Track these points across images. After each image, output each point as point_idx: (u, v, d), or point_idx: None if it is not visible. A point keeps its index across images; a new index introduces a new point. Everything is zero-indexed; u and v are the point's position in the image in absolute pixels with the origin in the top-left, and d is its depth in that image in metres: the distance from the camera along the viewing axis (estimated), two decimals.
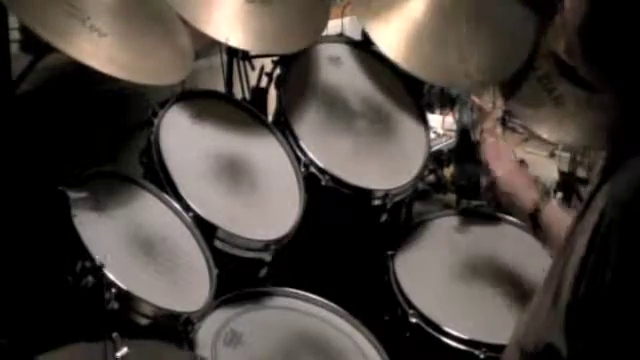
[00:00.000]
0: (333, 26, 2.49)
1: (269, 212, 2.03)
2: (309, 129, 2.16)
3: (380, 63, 2.35)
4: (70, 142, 2.20)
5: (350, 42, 2.40)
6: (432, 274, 2.14)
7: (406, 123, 2.30)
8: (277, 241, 1.96)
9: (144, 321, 1.68)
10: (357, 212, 2.14)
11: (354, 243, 2.17)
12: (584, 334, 0.95)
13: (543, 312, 1.02)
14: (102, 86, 2.12)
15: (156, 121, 1.96)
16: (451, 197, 2.69)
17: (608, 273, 0.92)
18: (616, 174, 0.97)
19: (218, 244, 1.90)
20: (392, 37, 2.23)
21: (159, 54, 1.92)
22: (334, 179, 2.08)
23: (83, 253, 1.64)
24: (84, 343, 1.56)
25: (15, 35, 2.22)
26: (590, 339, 0.94)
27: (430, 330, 1.97)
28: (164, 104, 2.01)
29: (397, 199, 2.15)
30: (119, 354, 1.44)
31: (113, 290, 1.62)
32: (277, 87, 2.21)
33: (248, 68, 2.37)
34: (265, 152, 2.12)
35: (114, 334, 1.52)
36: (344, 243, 2.16)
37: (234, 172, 2.04)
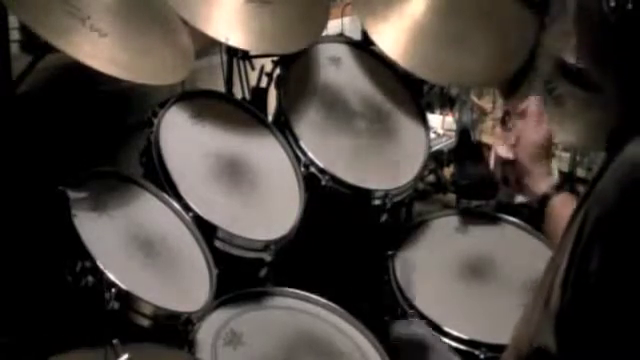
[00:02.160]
0: (333, 26, 2.49)
1: (269, 212, 2.03)
2: (309, 129, 2.16)
3: (380, 63, 2.35)
4: (70, 142, 2.20)
5: (350, 42, 2.40)
6: (432, 274, 2.14)
7: (406, 123, 2.30)
8: (277, 241, 1.96)
9: (144, 321, 1.68)
10: (357, 212, 2.14)
11: (354, 243, 2.17)
12: (572, 337, 0.95)
13: (536, 315, 1.02)
14: (102, 86, 2.12)
15: (156, 121, 1.96)
16: (451, 197, 2.69)
17: (591, 277, 0.92)
18: (605, 174, 0.96)
19: (218, 244, 1.90)
20: (392, 36, 2.24)
21: (159, 54, 1.92)
22: (334, 179, 2.08)
23: (83, 253, 1.64)
24: (84, 349, 1.56)
25: (15, 35, 2.22)
26: (578, 342, 0.95)
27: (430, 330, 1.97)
28: (164, 104, 2.01)
29: (397, 199, 2.15)
30: None
31: (113, 290, 1.62)
32: (277, 87, 2.21)
33: (248, 68, 2.37)
34: (265, 152, 2.12)
35: (114, 340, 1.52)
36: (344, 243, 2.16)
37: (234, 172, 2.03)
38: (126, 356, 1.44)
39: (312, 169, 2.09)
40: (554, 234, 1.55)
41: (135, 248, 1.77)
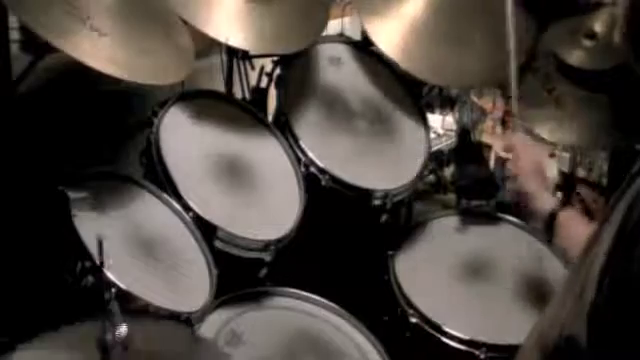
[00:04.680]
0: (333, 26, 2.49)
1: (269, 212, 2.03)
2: (309, 129, 2.16)
3: (380, 63, 2.35)
4: (70, 142, 2.20)
5: (350, 42, 2.40)
6: (432, 274, 2.14)
7: (406, 123, 2.30)
8: (277, 241, 1.96)
9: None
10: (357, 212, 2.14)
11: (354, 243, 2.17)
12: (604, 330, 0.94)
13: (568, 305, 1.01)
14: (102, 86, 2.12)
15: (156, 121, 1.96)
16: (451, 197, 2.69)
17: (634, 267, 0.91)
18: None
19: (218, 244, 1.89)
20: (392, 36, 2.24)
21: (159, 54, 1.92)
22: (334, 179, 2.08)
23: (83, 253, 1.64)
24: (81, 324, 1.55)
25: (15, 35, 2.22)
26: (609, 336, 0.94)
27: (430, 330, 1.97)
28: (164, 104, 2.01)
29: (397, 199, 2.15)
30: (118, 332, 1.42)
31: (113, 290, 1.62)
32: (277, 87, 2.21)
33: (248, 68, 2.37)
34: (265, 152, 2.12)
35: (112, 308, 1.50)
36: (344, 243, 2.16)
37: (234, 172, 2.04)
38: (124, 327, 1.43)
39: (312, 169, 2.09)
40: (568, 246, 1.59)
41: (135, 248, 1.77)
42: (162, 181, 1.91)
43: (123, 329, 1.40)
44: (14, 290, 1.92)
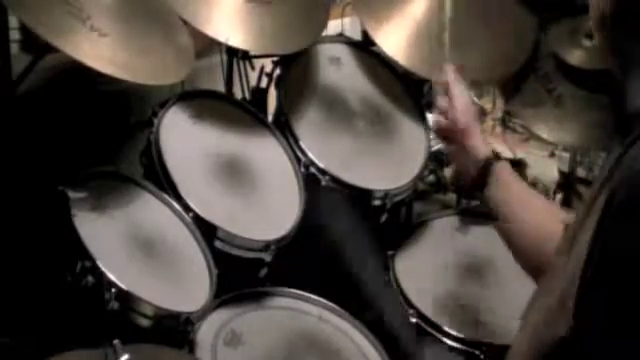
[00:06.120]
0: (333, 26, 2.49)
1: (269, 212, 2.03)
2: (309, 129, 2.16)
3: (380, 63, 2.35)
4: (70, 142, 2.20)
5: (350, 42, 2.39)
6: (432, 274, 2.14)
7: (406, 123, 2.30)
8: (277, 241, 1.96)
9: (144, 321, 1.68)
10: (357, 212, 2.14)
11: (354, 243, 2.17)
12: (590, 315, 0.94)
13: (554, 308, 1.01)
14: (102, 86, 2.12)
15: (156, 121, 1.96)
16: (451, 197, 2.69)
17: (614, 254, 0.91)
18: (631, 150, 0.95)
19: (218, 244, 1.89)
20: (392, 35, 2.24)
21: (159, 54, 1.92)
22: (334, 179, 2.08)
23: (83, 253, 1.64)
24: (84, 350, 1.56)
25: (15, 35, 2.22)
26: (593, 325, 0.94)
27: (430, 330, 1.97)
28: (164, 104, 2.01)
29: (397, 199, 2.15)
30: None
31: (113, 290, 1.62)
32: (277, 87, 2.21)
33: (248, 68, 2.37)
34: (265, 152, 2.12)
35: (115, 341, 1.51)
36: (344, 243, 2.16)
37: (234, 172, 2.04)
38: (126, 356, 1.43)
39: (312, 169, 2.09)
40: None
41: (135, 248, 1.77)
42: (162, 181, 1.91)
43: (125, 358, 1.41)
44: (14, 290, 1.92)
